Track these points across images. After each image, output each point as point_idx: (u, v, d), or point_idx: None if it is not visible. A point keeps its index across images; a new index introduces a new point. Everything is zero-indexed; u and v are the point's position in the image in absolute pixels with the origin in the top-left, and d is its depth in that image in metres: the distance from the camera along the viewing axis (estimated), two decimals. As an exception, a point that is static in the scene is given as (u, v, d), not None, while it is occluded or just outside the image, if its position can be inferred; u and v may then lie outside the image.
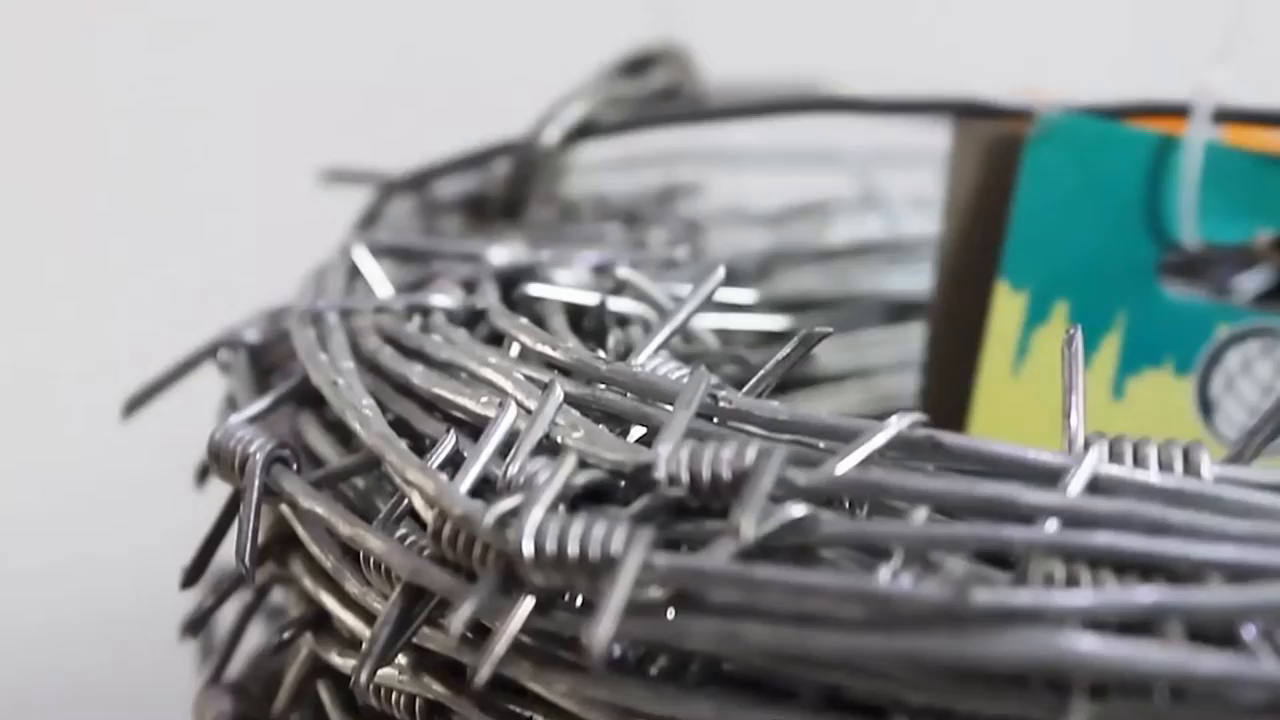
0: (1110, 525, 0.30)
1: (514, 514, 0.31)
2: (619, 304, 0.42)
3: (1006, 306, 0.46)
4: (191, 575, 0.40)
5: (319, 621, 0.40)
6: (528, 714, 0.34)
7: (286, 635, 0.40)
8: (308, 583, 0.39)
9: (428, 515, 0.34)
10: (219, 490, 0.41)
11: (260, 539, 0.39)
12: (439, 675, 0.36)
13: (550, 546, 0.31)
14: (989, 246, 0.47)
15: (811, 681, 0.31)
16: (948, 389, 0.48)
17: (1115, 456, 0.32)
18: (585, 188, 0.55)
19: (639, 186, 0.56)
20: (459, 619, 0.31)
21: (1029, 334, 0.46)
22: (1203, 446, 0.32)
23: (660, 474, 0.32)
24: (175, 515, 0.43)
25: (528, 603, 0.31)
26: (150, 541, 0.46)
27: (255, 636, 0.48)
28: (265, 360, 0.45)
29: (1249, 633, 0.29)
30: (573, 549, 0.31)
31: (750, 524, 0.30)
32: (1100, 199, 0.46)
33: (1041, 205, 0.46)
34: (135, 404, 0.46)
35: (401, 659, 0.36)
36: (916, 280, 0.55)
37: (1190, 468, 0.32)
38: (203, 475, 0.45)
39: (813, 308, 0.54)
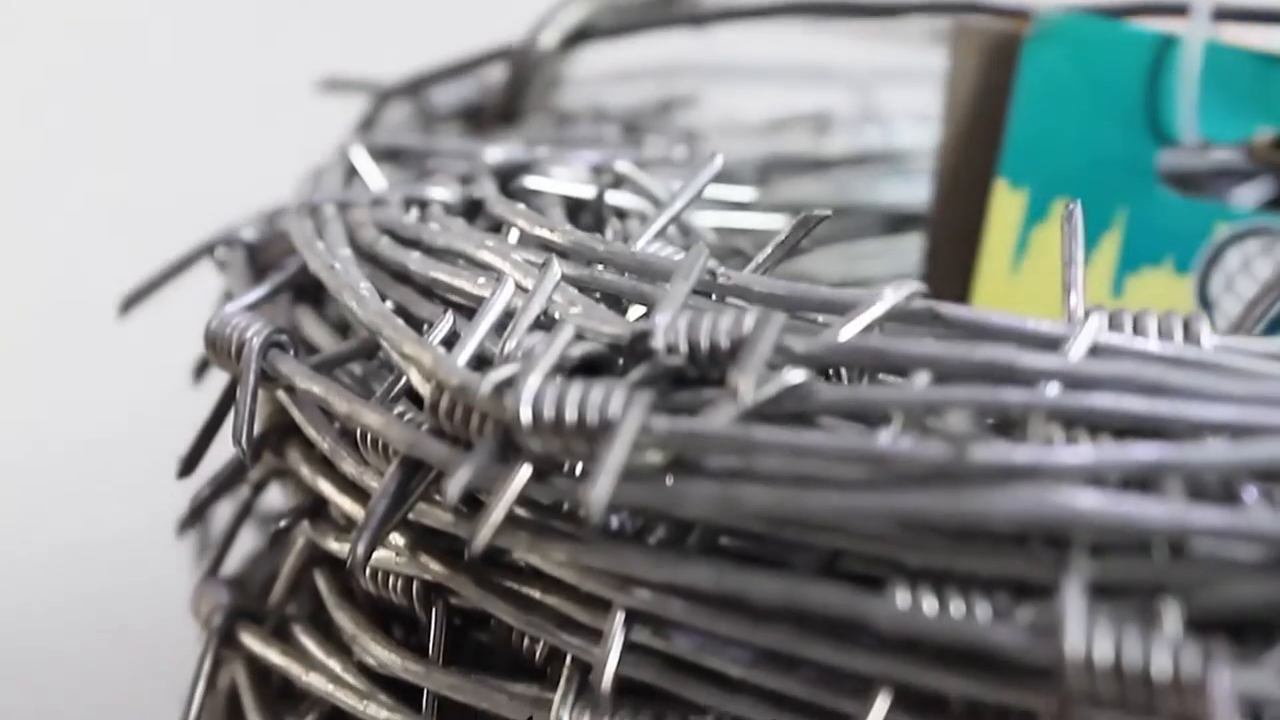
0: (1110, 388, 0.29)
1: (511, 382, 0.31)
2: (617, 198, 0.42)
3: (1005, 205, 0.46)
4: (188, 464, 0.40)
5: (316, 510, 0.40)
6: (525, 590, 0.34)
7: (283, 524, 0.40)
8: (305, 470, 0.39)
9: (425, 390, 0.34)
10: (217, 388, 0.41)
11: (257, 429, 0.39)
12: (436, 555, 0.36)
13: (548, 412, 0.31)
14: (988, 147, 0.47)
15: (809, 546, 0.30)
16: (947, 291, 0.48)
17: (1115, 326, 0.32)
18: (583, 99, 0.55)
19: (637, 99, 0.56)
20: (456, 484, 0.31)
21: (1028, 232, 0.46)
22: (1203, 317, 0.32)
23: (658, 343, 0.31)
24: (174, 419, 0.43)
25: (525, 470, 0.31)
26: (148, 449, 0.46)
27: (251, 541, 0.48)
28: (262, 258, 0.45)
29: (1248, 493, 0.28)
30: (570, 414, 0.31)
31: (749, 384, 0.30)
32: (1099, 98, 0.46)
33: (1040, 104, 0.46)
34: (131, 301, 0.46)
35: (398, 540, 0.36)
36: (915, 192, 0.55)
37: (1190, 337, 0.32)
38: (200, 371, 0.44)
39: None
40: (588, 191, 0.42)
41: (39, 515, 0.67)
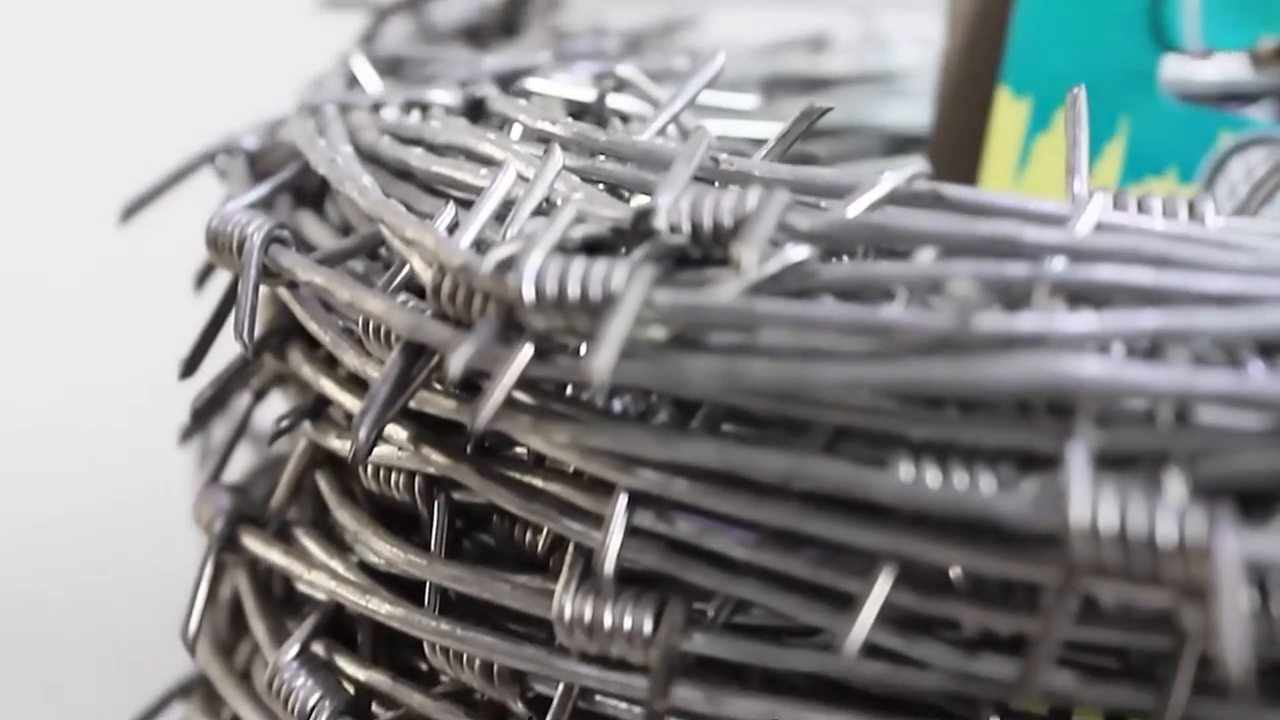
0: (1114, 260, 0.29)
1: (513, 261, 0.31)
2: (619, 101, 0.42)
3: (1008, 113, 0.46)
4: (190, 365, 0.40)
5: (317, 410, 0.39)
6: (527, 479, 0.34)
7: (285, 423, 0.39)
8: (306, 370, 0.39)
9: (427, 276, 0.34)
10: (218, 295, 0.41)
11: (258, 331, 0.39)
12: (438, 447, 0.35)
13: (550, 288, 0.31)
14: (991, 54, 0.46)
15: (813, 425, 0.30)
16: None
17: (1119, 207, 0.32)
18: (583, 21, 0.55)
19: (637, 20, 0.56)
20: (459, 360, 0.31)
21: (1031, 141, 0.46)
22: (1208, 197, 0.32)
23: (661, 223, 0.31)
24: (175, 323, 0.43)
25: (527, 349, 0.31)
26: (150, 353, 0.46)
27: (252, 459, 0.48)
28: (262, 166, 0.44)
29: (1253, 364, 0.28)
30: (573, 289, 0.30)
31: (752, 255, 0.30)
32: (1103, 5, 0.46)
33: (1043, 11, 0.46)
34: (132, 210, 0.45)
35: (400, 434, 0.36)
36: (917, 113, 0.55)
37: (1195, 216, 0.32)
38: (202, 280, 0.44)
39: (812, 136, 0.53)
40: (589, 95, 0.42)
41: (40, 432, 0.67)
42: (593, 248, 0.32)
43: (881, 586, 0.29)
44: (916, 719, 0.31)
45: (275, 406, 0.42)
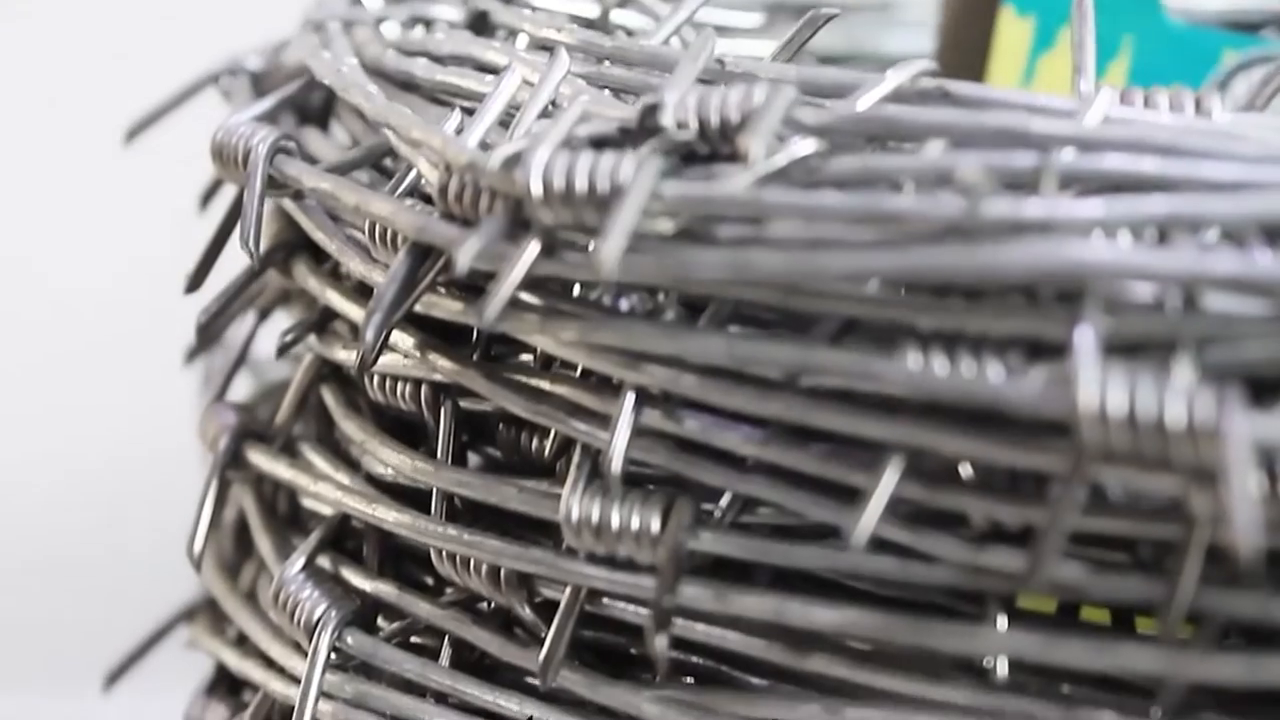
0: (1122, 150, 0.29)
1: (520, 157, 0.31)
2: (624, 16, 0.42)
3: (1012, 32, 0.46)
4: (195, 279, 0.40)
5: (323, 324, 0.40)
6: (534, 382, 0.34)
7: (290, 336, 0.39)
8: (312, 283, 0.39)
9: (433, 177, 0.34)
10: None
11: (264, 245, 0.39)
12: (445, 353, 0.35)
13: (558, 182, 0.30)
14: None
15: (820, 318, 0.30)
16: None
17: (1126, 102, 0.32)
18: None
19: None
20: (466, 254, 0.31)
21: (1035, 60, 0.46)
22: (1215, 93, 0.32)
23: (668, 119, 0.31)
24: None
25: (534, 245, 0.31)
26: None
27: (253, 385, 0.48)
28: (266, 85, 0.44)
29: (1260, 251, 0.28)
30: (580, 183, 0.30)
31: (759, 147, 0.29)
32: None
33: (1046, -71, 0.46)
34: (137, 130, 0.45)
35: (406, 342, 0.36)
36: (919, 42, 0.55)
37: (1201, 111, 0.32)
38: (207, 199, 0.44)
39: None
40: (593, 10, 0.42)
41: (46, 358, 0.67)
42: (599, 145, 0.32)
43: (890, 477, 0.29)
44: (923, 616, 0.31)
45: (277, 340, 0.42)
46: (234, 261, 0.40)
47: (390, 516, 0.36)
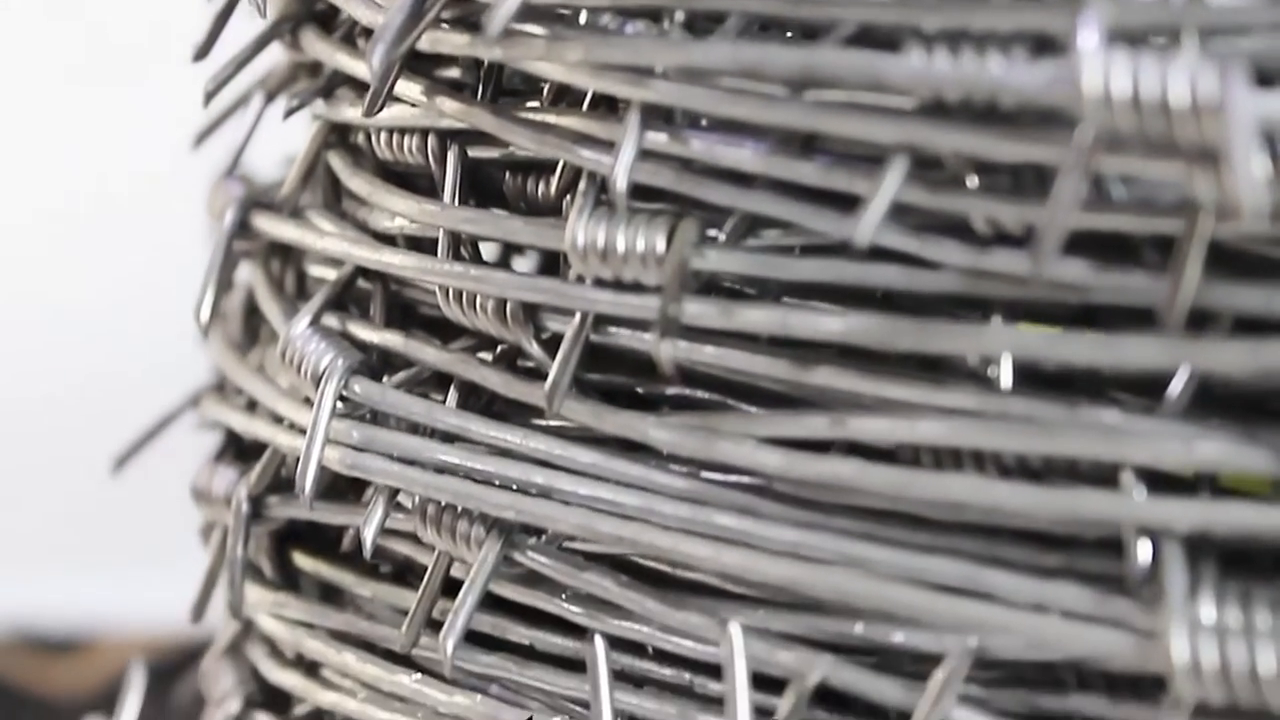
0: None
1: None
2: None
3: None
4: (203, 49, 0.40)
5: (330, 89, 0.40)
6: (540, 117, 0.34)
7: (298, 101, 0.40)
8: (320, 48, 0.39)
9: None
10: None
11: (272, 14, 0.39)
12: (452, 95, 0.36)
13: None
14: None
15: (825, 25, 0.30)
16: None
17: None
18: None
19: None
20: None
21: None
22: None
23: None
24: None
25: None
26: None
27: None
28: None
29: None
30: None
31: None
32: None
33: None
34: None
35: (413, 89, 0.36)
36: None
37: None
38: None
39: None
40: None
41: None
42: None
43: (893, 178, 0.30)
44: (929, 321, 0.31)
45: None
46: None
47: (397, 260, 0.36)
